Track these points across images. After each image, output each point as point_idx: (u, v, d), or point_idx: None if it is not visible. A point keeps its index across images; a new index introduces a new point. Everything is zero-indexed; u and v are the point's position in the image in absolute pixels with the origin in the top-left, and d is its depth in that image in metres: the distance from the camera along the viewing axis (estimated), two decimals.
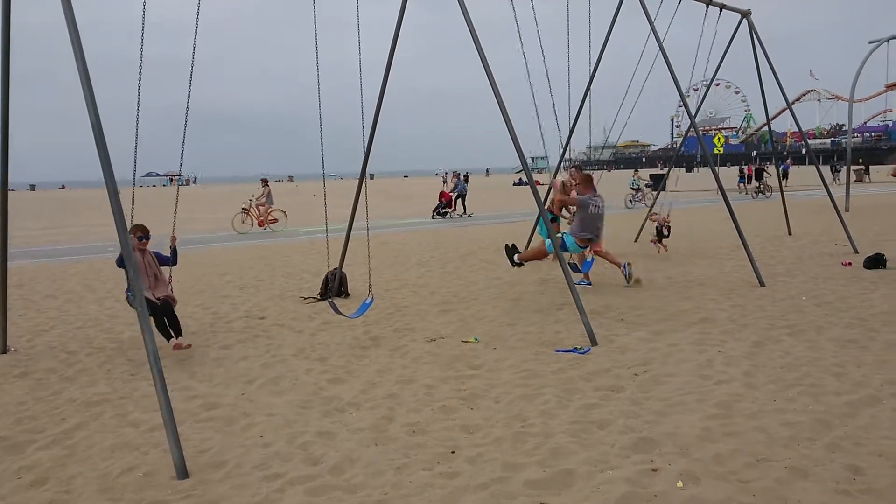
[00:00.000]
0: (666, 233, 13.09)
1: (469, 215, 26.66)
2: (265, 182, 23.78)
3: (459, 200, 27.48)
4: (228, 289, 10.95)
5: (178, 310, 7.36)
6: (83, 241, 20.23)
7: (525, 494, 3.76)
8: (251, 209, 22.30)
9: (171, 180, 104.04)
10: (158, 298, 7.07)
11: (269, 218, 22.26)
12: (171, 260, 7.52)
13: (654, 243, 13.19)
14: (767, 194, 33.35)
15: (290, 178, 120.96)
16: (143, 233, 7.27)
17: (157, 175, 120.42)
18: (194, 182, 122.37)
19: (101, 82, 4.75)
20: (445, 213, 26.29)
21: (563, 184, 10.79)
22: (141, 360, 6.78)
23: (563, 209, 12.12)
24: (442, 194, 27.22)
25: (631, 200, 29.77)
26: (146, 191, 72.68)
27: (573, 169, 11.19)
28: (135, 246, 6.99)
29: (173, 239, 7.50)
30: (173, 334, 7.13)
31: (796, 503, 3.53)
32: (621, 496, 3.65)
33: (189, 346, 7.19)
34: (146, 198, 37.56)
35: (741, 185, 37.13)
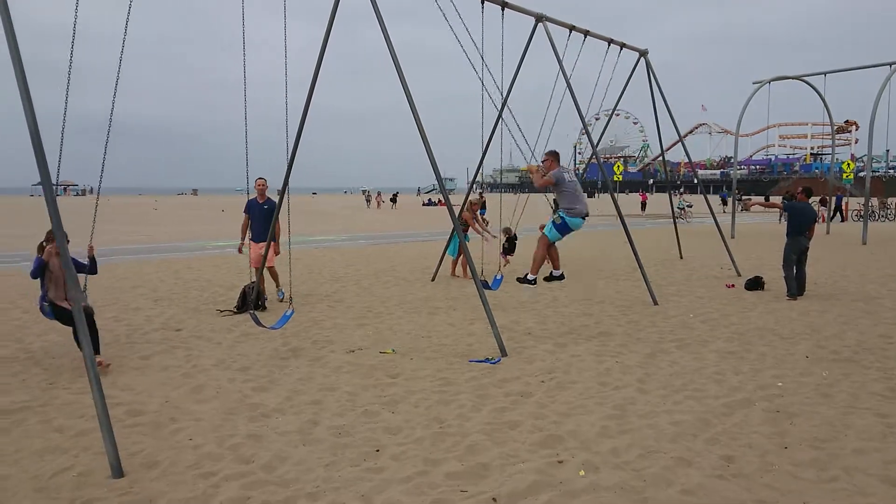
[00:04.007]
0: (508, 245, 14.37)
1: None
2: None
3: None
4: (140, 301, 10.84)
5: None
6: None
7: (446, 485, 4.16)
8: None
9: (66, 189, 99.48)
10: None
11: None
12: (90, 268, 7.40)
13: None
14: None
15: (195, 192, 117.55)
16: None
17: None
18: (91, 192, 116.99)
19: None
20: None
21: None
22: (56, 369, 6.77)
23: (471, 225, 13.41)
24: None
25: (678, 217, 32.59)
26: (38, 199, 68.93)
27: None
28: (51, 252, 6.91)
29: (91, 248, 7.42)
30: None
31: (680, 486, 4.08)
32: (531, 483, 4.12)
33: (109, 364, 6.90)
34: (41, 207, 35.72)
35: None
